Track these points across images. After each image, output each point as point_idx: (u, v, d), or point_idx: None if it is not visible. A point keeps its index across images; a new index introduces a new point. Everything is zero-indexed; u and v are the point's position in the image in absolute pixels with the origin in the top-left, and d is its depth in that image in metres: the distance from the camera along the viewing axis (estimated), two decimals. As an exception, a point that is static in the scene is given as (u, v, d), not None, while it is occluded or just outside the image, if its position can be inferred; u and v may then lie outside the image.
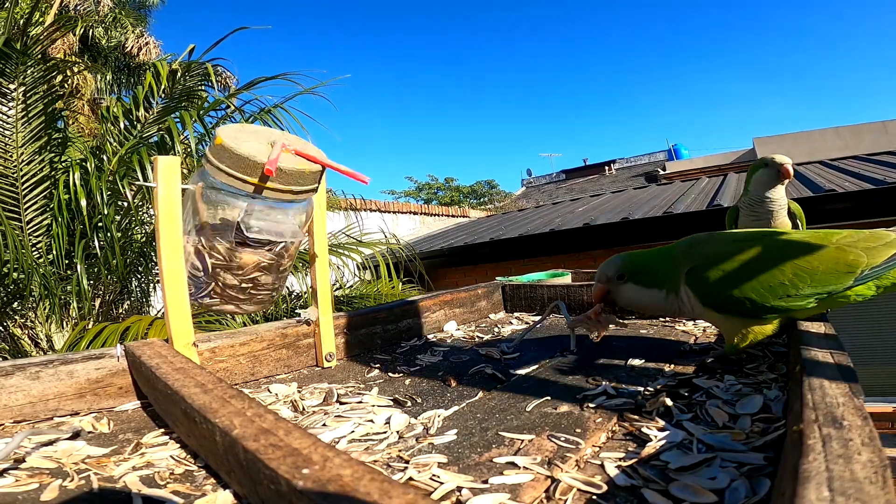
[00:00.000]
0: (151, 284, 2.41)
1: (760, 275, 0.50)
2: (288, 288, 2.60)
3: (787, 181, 0.84)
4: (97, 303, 2.14)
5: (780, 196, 0.84)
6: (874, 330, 3.08)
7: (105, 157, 2.03)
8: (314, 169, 0.54)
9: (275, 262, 0.58)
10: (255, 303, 0.60)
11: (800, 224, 0.87)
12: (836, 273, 0.49)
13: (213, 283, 0.57)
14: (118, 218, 2.05)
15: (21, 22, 1.95)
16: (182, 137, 1.91)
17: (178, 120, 2.03)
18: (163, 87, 2.17)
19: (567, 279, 1.17)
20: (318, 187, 0.57)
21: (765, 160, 0.86)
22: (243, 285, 0.58)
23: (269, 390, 0.55)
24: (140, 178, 1.80)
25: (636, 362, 0.58)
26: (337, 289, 2.79)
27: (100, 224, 1.96)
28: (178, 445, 0.40)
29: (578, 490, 0.31)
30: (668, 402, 0.43)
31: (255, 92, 2.30)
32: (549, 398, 0.48)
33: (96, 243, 1.98)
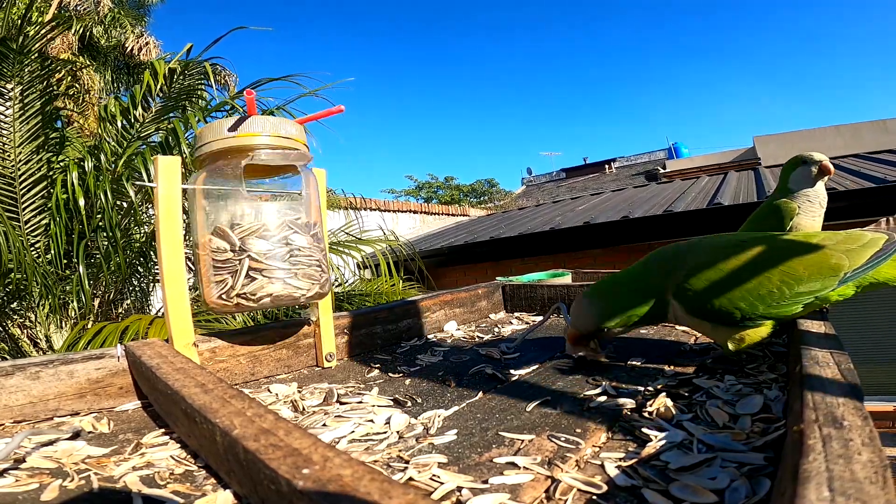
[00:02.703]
0: (151, 284, 2.41)
1: (748, 283, 0.50)
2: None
3: (827, 177, 0.84)
4: (96, 302, 2.14)
5: (825, 193, 0.86)
6: (873, 329, 3.09)
7: (103, 157, 2.03)
8: (296, 125, 0.56)
9: (300, 218, 0.56)
10: (304, 277, 0.55)
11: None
12: (822, 277, 0.49)
13: (248, 258, 0.53)
14: (118, 218, 2.05)
15: (18, 21, 1.94)
16: (184, 137, 1.91)
17: (176, 116, 2.02)
18: (160, 85, 2.17)
19: (567, 279, 1.17)
20: (306, 150, 0.57)
21: (802, 158, 0.85)
22: (278, 250, 0.54)
23: (269, 390, 0.55)
24: (145, 178, 1.80)
25: (636, 362, 0.58)
26: (337, 286, 2.79)
27: (100, 224, 1.96)
28: (179, 445, 0.40)
29: (578, 490, 0.31)
30: (668, 402, 0.43)
31: (259, 93, 2.29)
32: (549, 398, 0.48)
33: (98, 243, 1.98)
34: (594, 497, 0.30)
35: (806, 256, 0.50)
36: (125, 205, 2.06)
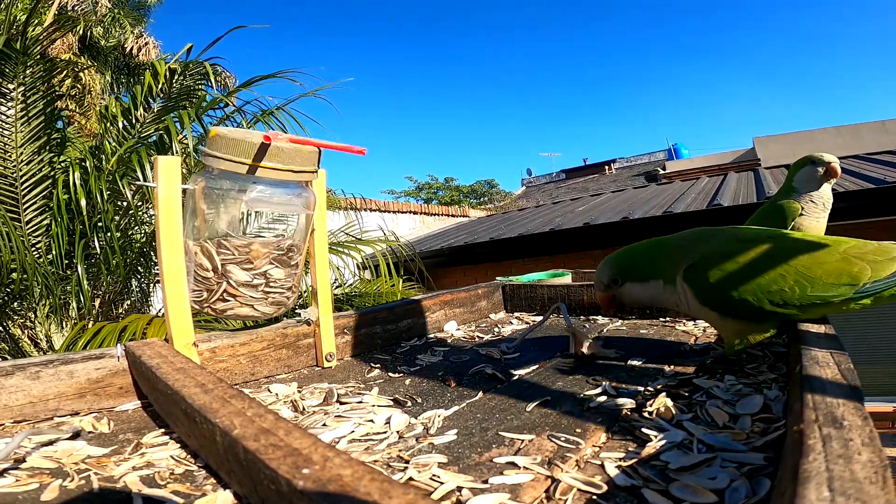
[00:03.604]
0: (151, 284, 2.41)
1: (761, 279, 0.49)
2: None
3: (833, 180, 0.83)
4: (97, 302, 2.14)
5: (830, 195, 0.84)
6: (874, 330, 3.09)
7: (104, 157, 2.03)
8: (310, 149, 0.55)
9: (284, 253, 0.58)
10: (271, 304, 0.59)
11: None
12: (838, 284, 0.48)
13: (226, 283, 0.56)
14: (118, 218, 2.05)
15: (20, 22, 1.95)
16: (181, 137, 1.91)
17: (176, 119, 2.02)
18: (160, 86, 2.17)
19: (567, 279, 1.17)
20: (316, 171, 0.57)
21: (811, 158, 0.84)
22: (255, 281, 0.57)
23: (269, 390, 0.55)
24: (140, 177, 1.80)
25: (636, 362, 0.58)
26: (336, 287, 2.79)
27: (99, 224, 1.96)
28: (179, 445, 0.40)
29: (578, 490, 0.31)
30: (668, 402, 0.43)
31: (255, 90, 2.29)
32: (549, 398, 0.48)
33: (96, 243, 1.98)
34: (594, 497, 0.30)
35: (826, 260, 0.49)
36: (124, 204, 2.06)
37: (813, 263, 0.49)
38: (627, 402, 0.45)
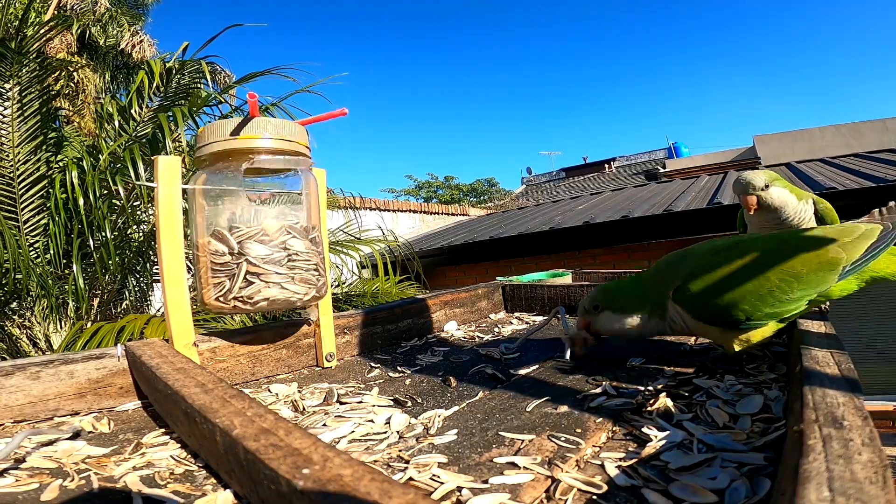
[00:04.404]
0: (150, 283, 2.41)
1: (749, 285, 0.50)
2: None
3: (750, 211, 0.70)
4: (95, 302, 2.14)
5: (773, 217, 0.71)
6: (873, 328, 3.09)
7: (101, 156, 2.03)
8: (298, 127, 0.56)
9: (299, 222, 0.57)
10: (300, 282, 0.56)
11: (828, 224, 0.74)
12: (820, 272, 0.49)
13: (246, 262, 0.53)
14: (114, 217, 2.05)
15: (16, 21, 1.94)
16: (175, 135, 1.90)
17: (172, 118, 2.02)
18: (155, 84, 2.17)
19: (567, 279, 1.17)
20: (308, 152, 0.57)
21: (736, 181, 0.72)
22: (276, 255, 0.54)
23: (269, 390, 0.55)
24: (132, 175, 1.79)
25: (636, 362, 0.58)
26: (335, 286, 2.78)
27: (93, 222, 1.96)
28: (179, 445, 0.40)
29: (578, 490, 0.31)
30: (668, 402, 0.43)
31: (250, 88, 2.30)
32: (549, 398, 0.48)
33: (92, 243, 1.98)
34: (594, 497, 0.30)
35: (802, 254, 0.50)
36: (118, 203, 2.06)
37: (791, 260, 0.50)
38: (627, 402, 0.45)
